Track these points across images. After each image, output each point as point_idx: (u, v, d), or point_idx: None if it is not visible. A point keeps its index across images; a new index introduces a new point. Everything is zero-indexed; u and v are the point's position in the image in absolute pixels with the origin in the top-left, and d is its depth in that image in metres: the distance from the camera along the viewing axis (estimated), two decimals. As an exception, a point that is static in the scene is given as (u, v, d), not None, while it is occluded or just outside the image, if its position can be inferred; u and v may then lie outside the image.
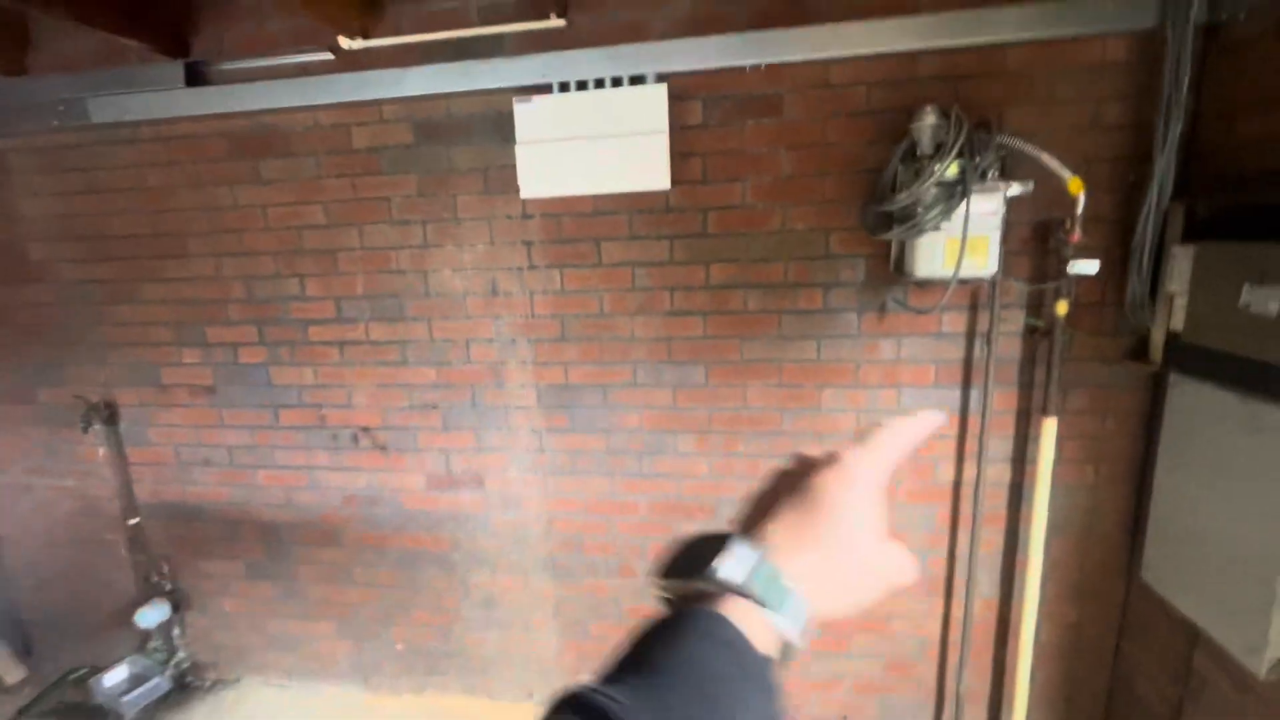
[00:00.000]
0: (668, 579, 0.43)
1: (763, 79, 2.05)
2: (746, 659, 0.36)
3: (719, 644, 0.36)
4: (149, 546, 2.93)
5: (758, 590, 0.39)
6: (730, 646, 0.36)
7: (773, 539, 0.42)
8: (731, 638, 0.37)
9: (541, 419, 2.46)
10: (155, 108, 2.35)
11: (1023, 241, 2.02)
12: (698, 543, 0.43)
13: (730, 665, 0.36)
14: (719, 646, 0.36)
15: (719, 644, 0.36)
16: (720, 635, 0.37)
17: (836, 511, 0.43)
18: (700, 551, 0.41)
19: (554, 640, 2.70)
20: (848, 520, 0.43)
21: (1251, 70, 1.66)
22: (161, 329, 2.66)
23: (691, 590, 0.41)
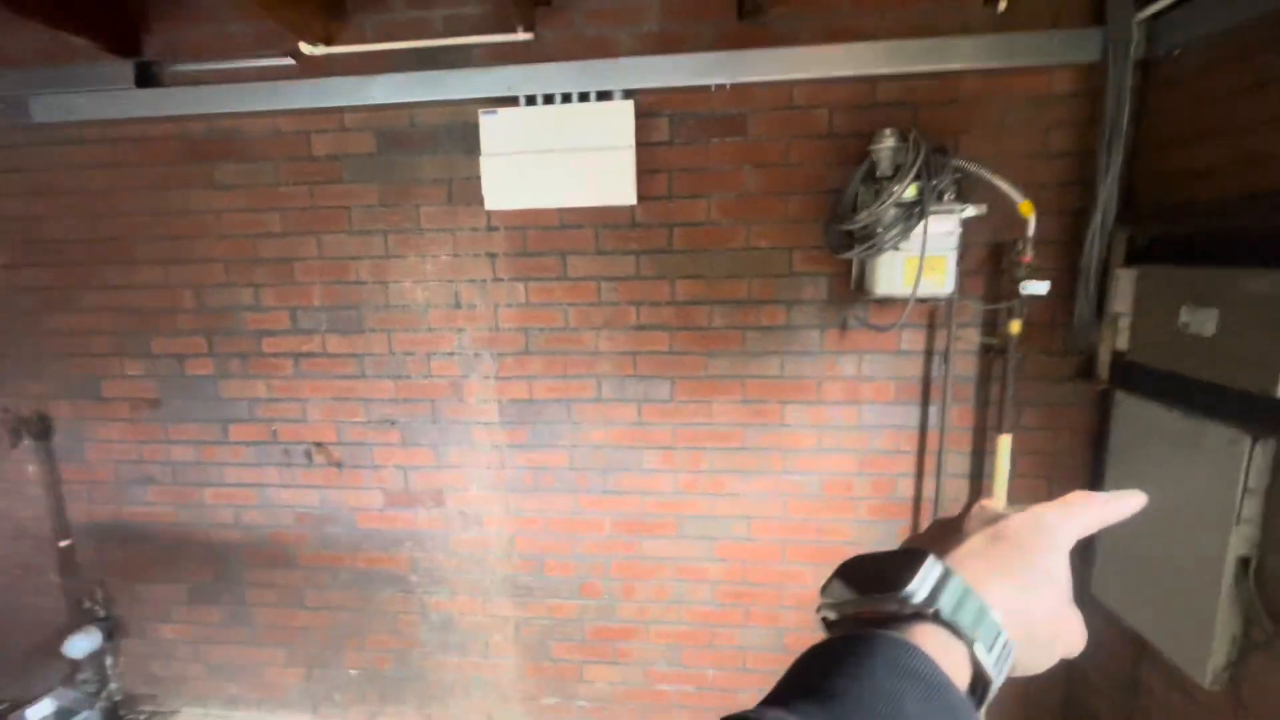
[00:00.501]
0: (840, 598, 0.38)
1: (728, 98, 2.08)
2: (942, 695, 0.31)
3: (910, 676, 0.31)
4: (81, 570, 2.76)
5: (957, 616, 0.34)
6: (923, 680, 0.31)
7: (965, 564, 0.37)
8: (924, 670, 0.32)
9: (504, 434, 2.42)
10: (103, 108, 2.26)
11: (978, 262, 2.08)
12: (880, 559, 0.38)
13: (923, 702, 0.31)
14: (910, 679, 0.31)
15: (910, 676, 0.31)
16: (911, 667, 0.32)
17: (1038, 550, 0.38)
18: (885, 569, 0.36)
19: (514, 663, 2.62)
20: (1050, 561, 0.38)
21: (1184, 105, 1.76)
22: (102, 338, 2.53)
23: (872, 613, 0.36)
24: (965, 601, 0.34)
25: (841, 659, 0.33)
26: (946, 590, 0.34)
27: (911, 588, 0.34)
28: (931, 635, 0.33)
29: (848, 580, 0.38)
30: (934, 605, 0.34)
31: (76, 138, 2.37)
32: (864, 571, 0.38)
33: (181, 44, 2.24)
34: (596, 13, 2.07)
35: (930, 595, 0.34)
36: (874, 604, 0.36)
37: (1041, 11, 1.91)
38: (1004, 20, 1.92)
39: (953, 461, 2.21)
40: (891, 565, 0.36)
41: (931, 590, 0.34)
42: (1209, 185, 1.68)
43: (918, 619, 0.34)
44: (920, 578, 0.35)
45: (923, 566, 0.35)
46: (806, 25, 2.00)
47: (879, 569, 0.37)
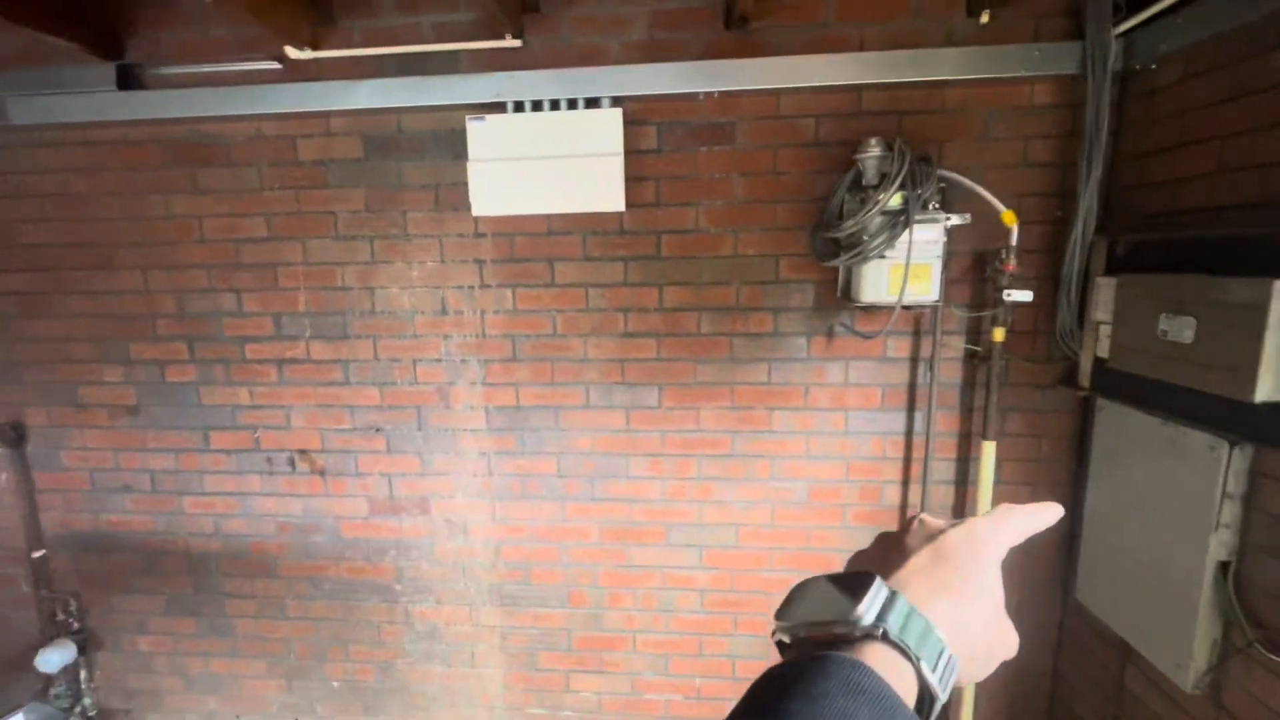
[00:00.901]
0: (794, 621, 0.39)
1: (716, 107, 2.09)
2: (892, 713, 0.32)
3: (862, 694, 0.32)
4: (55, 581, 2.69)
5: (904, 635, 0.35)
6: (874, 699, 0.32)
7: (908, 583, 0.39)
8: (875, 689, 0.33)
9: (490, 441, 2.40)
10: (84, 110, 2.22)
11: (962, 270, 2.10)
12: (830, 581, 0.39)
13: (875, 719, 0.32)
14: (862, 697, 0.32)
15: (862, 694, 0.32)
16: (863, 685, 0.33)
17: (973, 565, 0.41)
18: (834, 592, 0.38)
19: (500, 673, 2.59)
20: (984, 576, 0.41)
21: (1162, 116, 1.79)
22: (80, 345, 2.48)
23: (821, 635, 0.37)
24: (910, 621, 0.36)
25: (795, 681, 0.33)
26: (893, 611, 0.36)
27: (860, 610, 0.36)
28: (880, 654, 0.35)
29: (800, 603, 0.39)
30: (882, 626, 0.35)
31: (56, 140, 2.33)
32: (815, 594, 0.39)
33: (165, 47, 2.22)
34: (585, 20, 2.08)
35: (878, 617, 0.36)
36: (825, 627, 0.37)
37: (1023, 25, 1.94)
38: (986, 33, 1.95)
39: (938, 468, 2.22)
40: (841, 587, 0.38)
41: (879, 612, 0.36)
42: (1186, 195, 1.71)
43: (867, 639, 0.35)
44: (868, 600, 0.36)
45: (870, 589, 0.37)
46: (792, 35, 2.02)
47: (828, 591, 0.38)
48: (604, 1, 2.06)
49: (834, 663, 0.33)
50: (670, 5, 2.05)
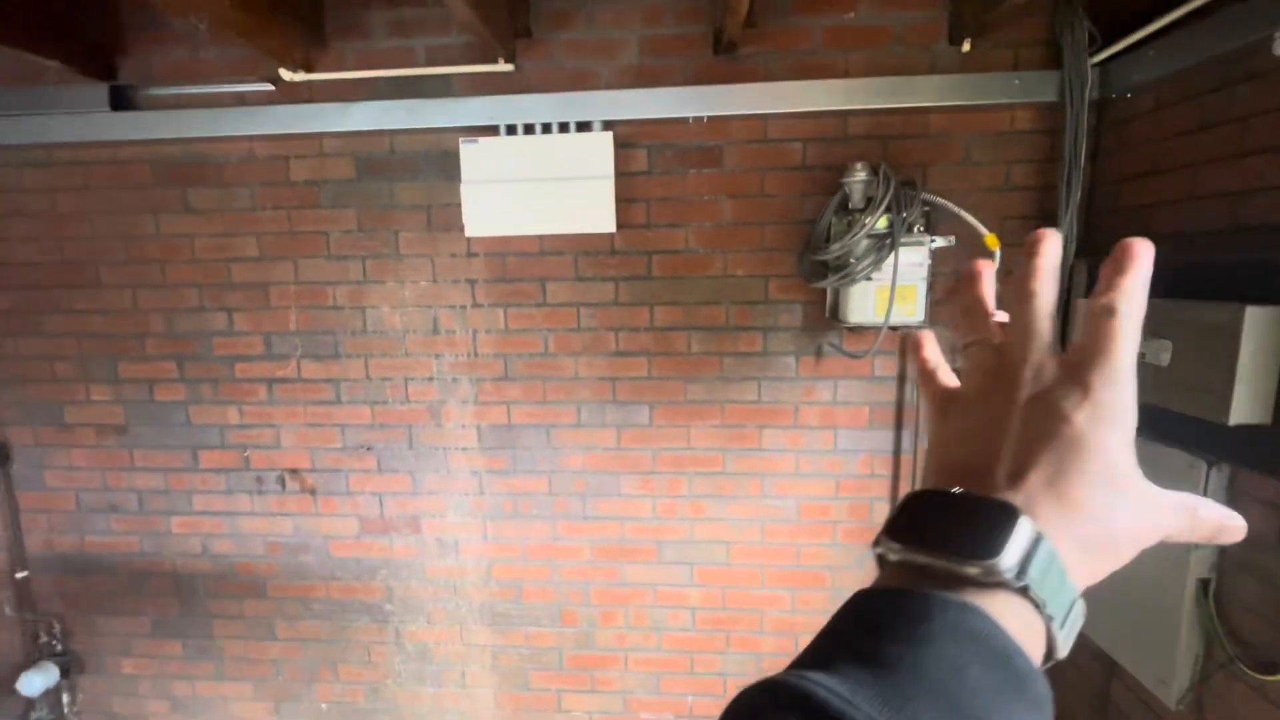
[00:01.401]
0: (912, 544, 0.32)
1: (705, 130, 2.13)
2: (1015, 669, 0.28)
3: (974, 641, 0.28)
4: (38, 603, 2.65)
5: (1042, 590, 0.30)
6: (993, 651, 0.28)
7: (1038, 505, 0.32)
8: (989, 634, 0.28)
9: (482, 460, 2.40)
10: (75, 130, 2.22)
11: (947, 291, 2.14)
12: (962, 507, 0.32)
13: (994, 676, 0.27)
14: (980, 649, 0.28)
15: (974, 641, 0.28)
16: (975, 630, 0.28)
17: (1109, 466, 0.33)
18: (969, 523, 0.31)
19: (491, 693, 2.57)
20: (1121, 474, 0.33)
21: (1137, 144, 1.85)
22: (66, 364, 2.46)
23: (940, 569, 0.31)
24: (1050, 571, 0.30)
25: (895, 619, 0.29)
26: (1036, 560, 0.30)
27: (1004, 561, 0.29)
28: (1005, 604, 0.29)
29: (921, 524, 0.33)
30: (1024, 579, 0.29)
31: (45, 160, 2.33)
32: (942, 519, 0.32)
33: (158, 67, 2.23)
34: (577, 45, 2.12)
35: (1020, 567, 0.29)
36: (952, 564, 0.30)
37: (1003, 54, 2.00)
38: (968, 61, 2.00)
39: (926, 485, 2.25)
40: (976, 518, 0.31)
41: (1021, 559, 0.29)
42: (1161, 220, 1.76)
43: (998, 587, 0.30)
44: (1013, 545, 0.29)
45: (1014, 530, 0.30)
46: (779, 61, 2.06)
47: (962, 521, 0.32)
48: (595, 27, 2.10)
49: (938, 603, 0.29)
50: (660, 31, 2.09)
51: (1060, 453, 0.33)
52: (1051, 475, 0.32)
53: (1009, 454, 0.34)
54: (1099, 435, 0.33)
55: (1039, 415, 0.34)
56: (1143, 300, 0.34)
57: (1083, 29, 1.86)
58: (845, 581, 2.35)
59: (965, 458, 0.36)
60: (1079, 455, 0.33)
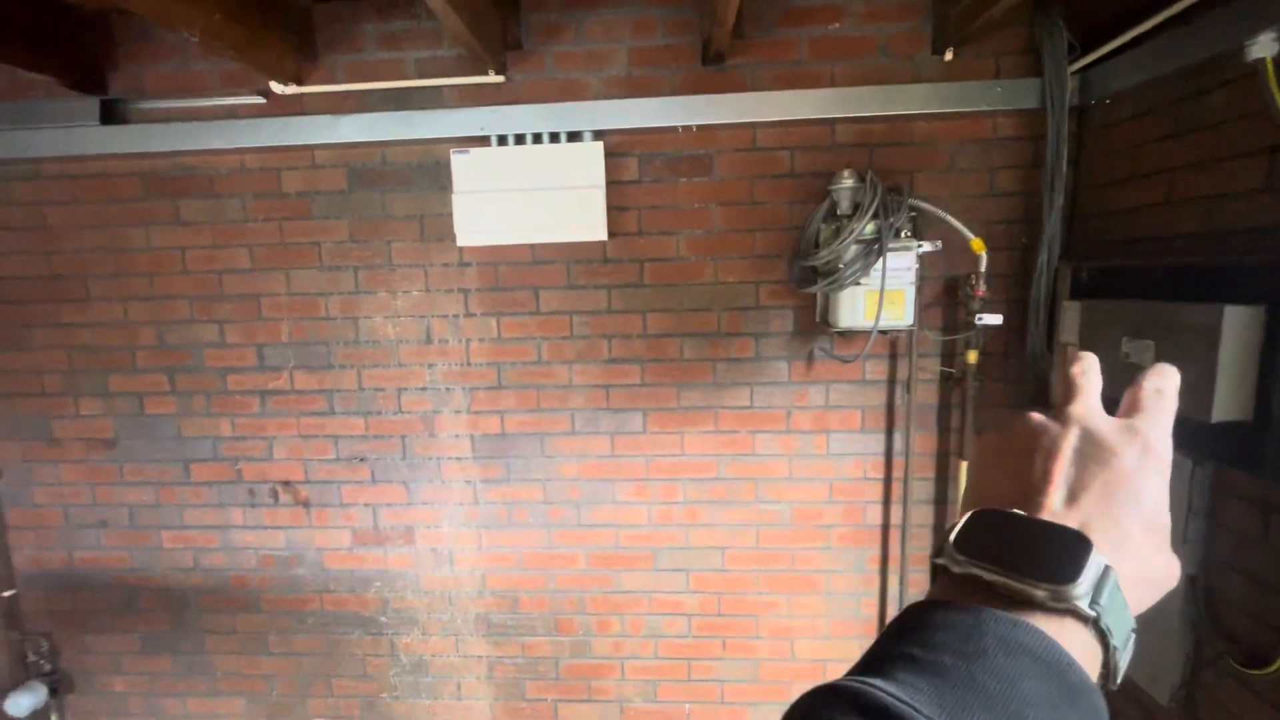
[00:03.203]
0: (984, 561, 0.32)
1: (694, 140, 2.16)
2: (1069, 683, 0.28)
3: (1034, 660, 0.28)
4: (26, 622, 2.62)
5: (1109, 620, 0.30)
6: (1048, 665, 0.28)
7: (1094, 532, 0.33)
8: (1049, 654, 0.29)
9: (476, 470, 2.40)
10: (65, 145, 2.22)
11: (935, 295, 2.17)
12: (1036, 531, 0.33)
13: (1048, 688, 0.28)
14: (1034, 663, 0.28)
15: (1034, 660, 0.28)
16: (1035, 649, 0.29)
17: (1152, 502, 0.35)
18: (1043, 547, 0.32)
19: (487, 704, 2.55)
20: (1161, 512, 0.35)
21: (1117, 149, 1.89)
22: (55, 377, 2.45)
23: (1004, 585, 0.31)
24: (1115, 600, 0.31)
25: (948, 632, 0.30)
26: (1105, 589, 0.30)
27: (1079, 586, 0.30)
28: (1062, 627, 0.30)
29: (989, 541, 0.33)
30: (1098, 609, 0.30)
31: (33, 173, 2.32)
32: (1013, 539, 0.33)
33: (148, 81, 2.23)
34: (567, 57, 2.14)
35: (1092, 595, 0.30)
36: (1023, 584, 0.31)
37: (985, 62, 2.04)
38: (951, 69, 2.04)
39: (918, 488, 2.27)
40: (1048, 543, 0.32)
41: (1093, 588, 0.30)
42: (1142, 224, 1.80)
43: (1065, 614, 0.30)
44: (1087, 573, 0.30)
45: (1090, 560, 0.30)
46: (767, 71, 2.10)
47: (1035, 543, 0.32)
48: (585, 39, 2.13)
49: (990, 618, 0.30)
50: (649, 42, 2.12)
51: (1111, 485, 0.34)
52: (1103, 504, 0.34)
53: (1063, 476, 0.35)
54: (1145, 474, 0.35)
55: (1090, 445, 0.36)
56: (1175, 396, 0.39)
57: (1061, 38, 1.90)
58: (840, 585, 2.36)
59: (1019, 480, 0.37)
60: (1128, 489, 0.35)
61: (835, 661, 2.38)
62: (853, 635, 2.37)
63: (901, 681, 0.27)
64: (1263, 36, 1.36)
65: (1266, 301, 1.35)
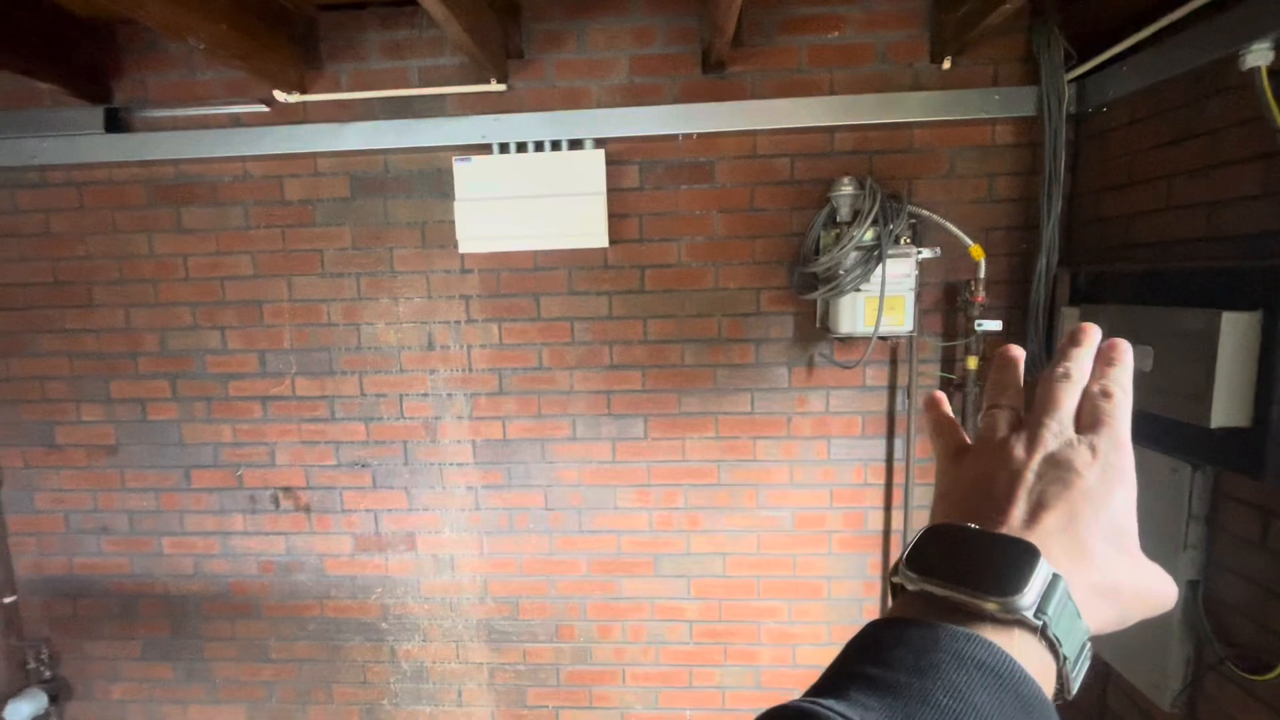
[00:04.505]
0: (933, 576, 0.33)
1: (695, 147, 2.17)
2: (1021, 695, 0.28)
3: (986, 673, 0.29)
4: (26, 628, 2.61)
5: (1058, 629, 0.31)
6: (1000, 678, 0.29)
7: (1052, 547, 0.33)
8: (1001, 667, 0.29)
9: (477, 475, 2.40)
10: (70, 153, 2.24)
11: (935, 301, 2.18)
12: (983, 543, 0.34)
13: (1000, 701, 0.28)
14: (986, 677, 0.28)
15: (986, 673, 0.29)
16: (987, 663, 0.29)
17: (1118, 519, 0.36)
18: (990, 559, 0.32)
19: (488, 711, 2.55)
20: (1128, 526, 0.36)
21: (1114, 156, 1.90)
22: (58, 384, 2.45)
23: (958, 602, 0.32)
24: (1065, 610, 0.31)
25: (902, 649, 0.30)
26: (1053, 599, 0.31)
27: (1024, 599, 0.30)
28: (1018, 640, 0.31)
29: (944, 557, 0.34)
30: (1042, 617, 0.30)
31: (39, 181, 2.34)
32: (962, 554, 0.33)
33: (153, 90, 2.25)
34: (568, 65, 2.16)
35: (1038, 604, 0.31)
36: (972, 598, 0.31)
37: (983, 70, 2.06)
38: (949, 77, 2.06)
39: (920, 493, 2.27)
40: (997, 555, 0.32)
41: (1039, 598, 0.31)
42: (1140, 230, 1.81)
43: (1014, 625, 0.31)
44: (1033, 585, 0.31)
45: (1035, 569, 0.31)
46: (767, 79, 2.11)
47: (982, 556, 0.33)
48: (586, 47, 2.15)
49: (945, 633, 0.30)
50: (650, 51, 2.14)
51: (1073, 502, 0.35)
52: (1065, 521, 0.35)
53: (1024, 498, 0.36)
54: (1107, 491, 0.36)
55: (1054, 469, 0.37)
56: (1130, 385, 0.39)
57: (1059, 46, 1.92)
58: (841, 591, 2.36)
59: (982, 501, 0.38)
60: (1090, 506, 0.35)
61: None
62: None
63: (854, 701, 0.28)
64: (1257, 45, 1.38)
65: (1264, 307, 1.36)
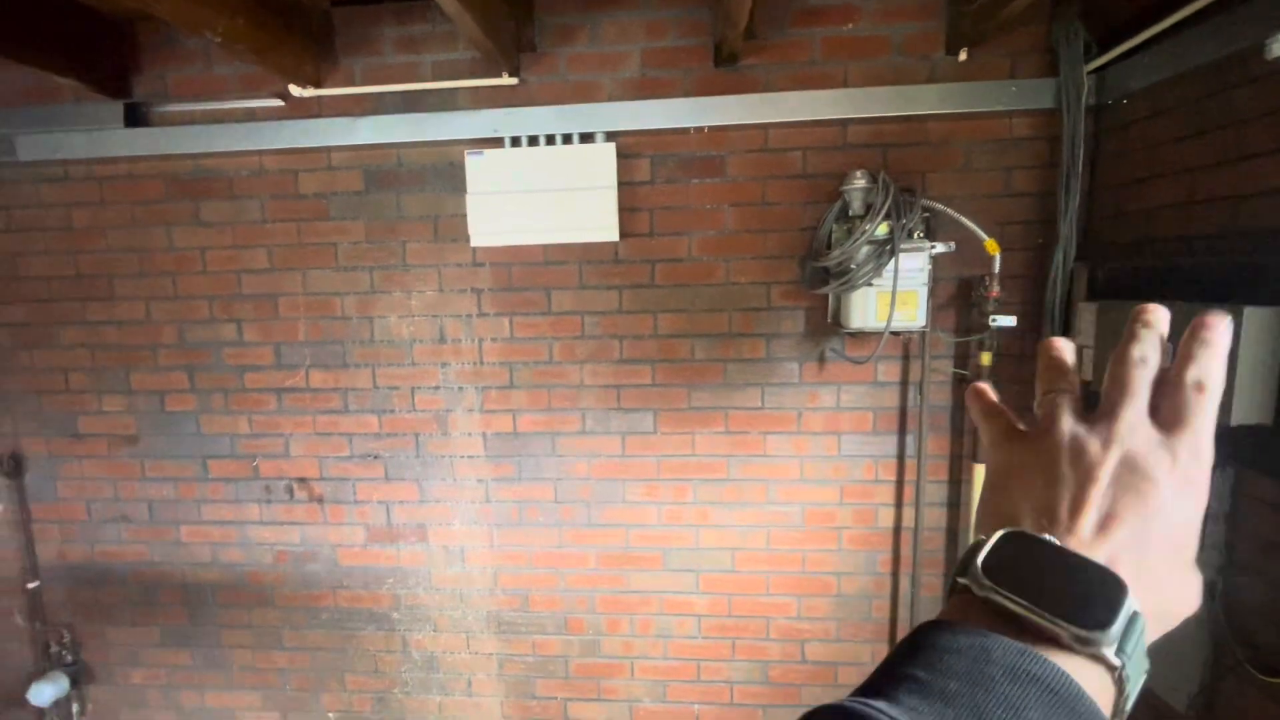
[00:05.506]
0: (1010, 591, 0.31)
1: (706, 141, 2.16)
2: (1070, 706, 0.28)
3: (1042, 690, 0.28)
4: (49, 613, 2.68)
5: (1130, 667, 0.30)
6: (1057, 695, 0.28)
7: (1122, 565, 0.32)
8: (1058, 685, 0.28)
9: (488, 468, 2.42)
10: (91, 147, 2.28)
11: (948, 296, 2.16)
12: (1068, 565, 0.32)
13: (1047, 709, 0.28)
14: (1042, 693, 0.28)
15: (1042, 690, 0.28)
16: (1043, 679, 0.28)
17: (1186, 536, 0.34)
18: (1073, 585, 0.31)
19: (497, 702, 2.57)
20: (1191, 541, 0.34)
21: (1134, 149, 1.87)
22: (80, 375, 2.50)
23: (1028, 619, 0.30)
24: (1139, 646, 0.30)
25: (956, 656, 0.30)
26: (1132, 638, 0.30)
27: (1110, 635, 0.29)
28: (1076, 663, 0.29)
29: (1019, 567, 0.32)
30: (1123, 659, 0.29)
31: (60, 175, 2.38)
32: (1044, 569, 0.32)
33: (170, 85, 2.28)
34: (580, 59, 2.16)
35: (1119, 645, 0.29)
36: (1049, 623, 0.30)
37: (1000, 62, 2.03)
38: (965, 69, 2.03)
39: (931, 490, 2.25)
40: (1084, 582, 0.31)
41: (1121, 634, 0.29)
42: (1160, 224, 1.77)
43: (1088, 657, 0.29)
44: (1119, 622, 0.29)
45: (1123, 606, 0.30)
46: (779, 72, 2.10)
47: (1067, 578, 0.31)
48: (598, 40, 2.14)
49: (998, 644, 0.29)
50: (662, 44, 2.13)
51: (1146, 519, 0.33)
52: (1136, 540, 0.33)
53: (1096, 504, 0.34)
54: (1181, 507, 0.34)
55: (1129, 472, 0.34)
56: (1223, 379, 0.35)
57: (1078, 37, 1.89)
58: (851, 588, 2.35)
59: (1047, 499, 0.35)
60: (1162, 524, 0.33)
61: (846, 664, 2.36)
62: (864, 638, 2.36)
63: (905, 705, 0.28)
64: (1284, 34, 1.34)
65: (1288, 302, 1.33)
